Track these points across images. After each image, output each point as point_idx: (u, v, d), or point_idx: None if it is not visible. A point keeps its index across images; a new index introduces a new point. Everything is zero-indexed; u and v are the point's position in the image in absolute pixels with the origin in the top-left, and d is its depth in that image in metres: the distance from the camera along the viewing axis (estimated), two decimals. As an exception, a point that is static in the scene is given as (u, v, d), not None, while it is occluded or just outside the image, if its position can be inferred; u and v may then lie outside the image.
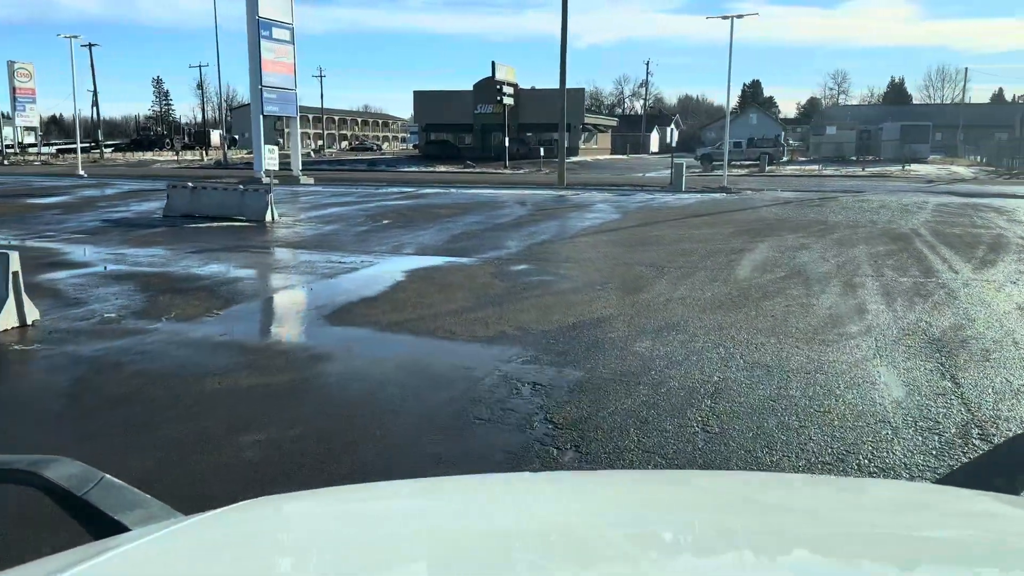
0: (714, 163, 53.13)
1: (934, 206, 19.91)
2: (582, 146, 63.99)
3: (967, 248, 12.58)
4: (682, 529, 1.03)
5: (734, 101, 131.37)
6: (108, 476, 1.25)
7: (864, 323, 7.62)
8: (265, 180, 27.47)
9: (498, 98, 45.51)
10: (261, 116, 28.12)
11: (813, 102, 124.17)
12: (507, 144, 48.17)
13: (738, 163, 51.59)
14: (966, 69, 78.61)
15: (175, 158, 66.26)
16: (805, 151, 67.41)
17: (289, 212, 19.14)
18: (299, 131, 31.22)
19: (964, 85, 76.90)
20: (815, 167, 45.89)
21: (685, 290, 9.33)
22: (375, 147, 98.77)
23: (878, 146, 57.14)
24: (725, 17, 26.22)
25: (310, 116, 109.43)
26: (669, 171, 29.60)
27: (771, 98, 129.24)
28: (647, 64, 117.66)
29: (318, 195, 25.33)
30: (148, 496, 1.24)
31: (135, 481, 1.30)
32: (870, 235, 14.27)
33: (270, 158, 17.64)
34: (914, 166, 45.29)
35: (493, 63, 45.91)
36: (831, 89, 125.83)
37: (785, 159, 57.54)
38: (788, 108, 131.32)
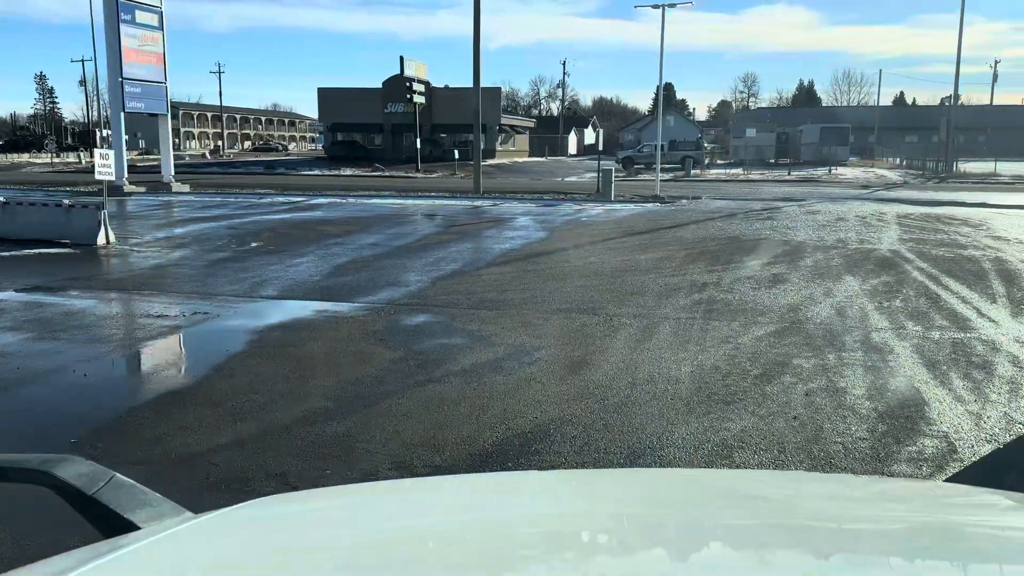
0: (636, 166, 51.17)
1: (895, 218, 17.78)
2: (499, 148, 61.19)
3: (976, 279, 10.17)
4: (686, 527, 1.01)
5: (648, 104, 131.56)
6: (118, 475, 1.26)
7: (937, 433, 4.84)
8: (124, 186, 23.44)
9: (408, 96, 42.19)
10: (122, 113, 23.98)
11: (724, 105, 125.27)
12: (419, 146, 44.86)
13: (660, 165, 49.75)
14: (880, 72, 79.73)
15: (51, 161, 60.08)
16: (723, 154, 66.50)
17: (137, 231, 15.44)
18: (170, 130, 27.08)
19: (879, 88, 77.86)
20: (738, 171, 44.33)
21: (650, 362, 6.41)
22: (280, 148, 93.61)
23: (797, 149, 56.40)
24: (656, 6, 23.79)
25: (208, 115, 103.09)
26: (594, 176, 27.00)
27: (684, 101, 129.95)
28: (563, 64, 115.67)
29: (186, 207, 21.50)
30: (158, 494, 1.25)
31: None
32: (850, 260, 11.77)
33: (103, 165, 13.90)
34: (839, 170, 44.25)
35: (402, 58, 42.58)
36: (741, 92, 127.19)
37: (705, 161, 56.15)
38: (700, 111, 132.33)
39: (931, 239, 14.12)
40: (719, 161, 59.41)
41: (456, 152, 42.35)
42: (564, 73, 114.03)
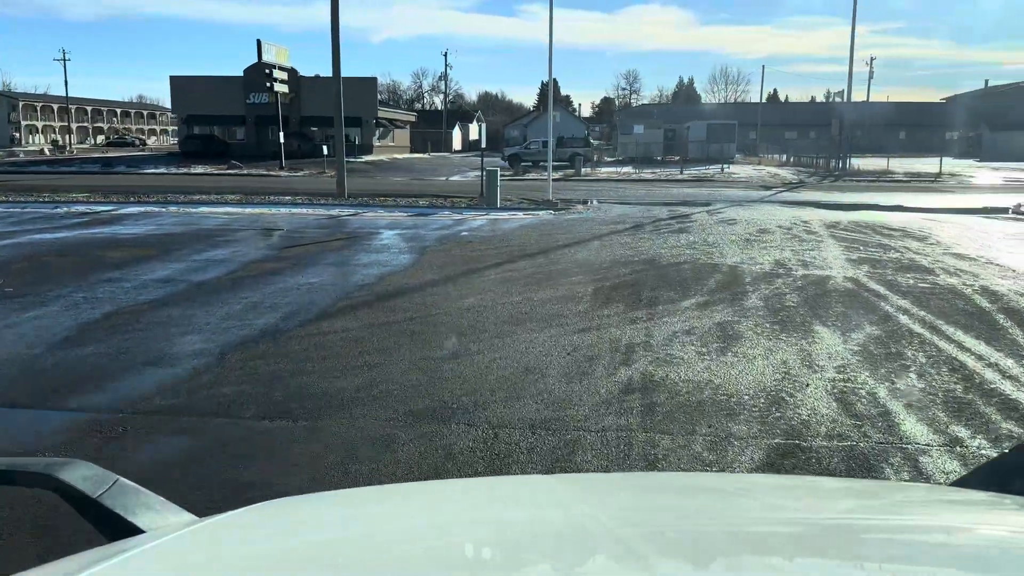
0: (524, 163, 48.17)
1: (823, 228, 15.30)
2: (377, 143, 56.98)
3: (991, 330, 7.43)
4: (688, 530, 1.01)
5: (533, 99, 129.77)
6: (122, 479, 1.26)
7: None
8: None
9: (268, 84, 37.50)
10: None
11: (608, 102, 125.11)
12: (282, 140, 40.23)
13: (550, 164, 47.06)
14: (763, 67, 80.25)
15: None
16: (610, 151, 64.77)
17: None
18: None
19: (762, 85, 78.22)
20: (629, 169, 42.15)
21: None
22: (137, 143, 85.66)
23: (684, 146, 55.15)
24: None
25: (55, 107, 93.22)
26: (478, 176, 23.68)
27: (568, 97, 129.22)
28: (445, 55, 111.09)
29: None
30: (162, 498, 1.25)
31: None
32: (807, 297, 8.92)
33: None
34: (732, 168, 42.79)
35: (259, 41, 37.78)
36: (623, 89, 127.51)
37: (595, 159, 54.00)
38: (584, 108, 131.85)
39: (884, 259, 11.56)
40: (607, 159, 57.44)
41: (326, 148, 38.04)
42: (446, 64, 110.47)
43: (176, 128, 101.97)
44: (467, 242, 13.76)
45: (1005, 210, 19.92)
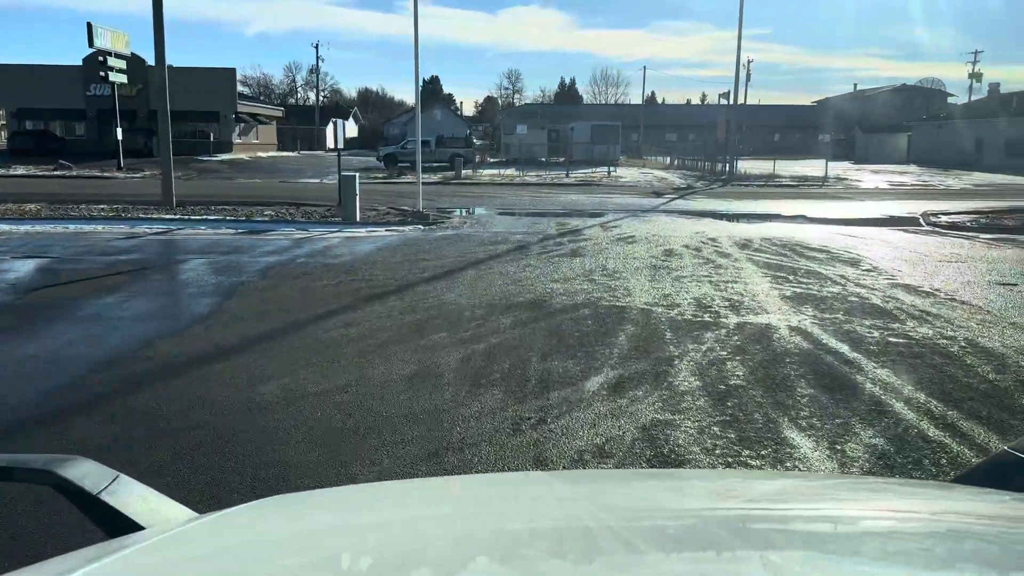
0: (401, 164, 44.84)
1: (736, 249, 13.03)
2: (238, 140, 52.12)
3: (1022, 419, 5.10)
4: (688, 527, 1.00)
5: (412, 96, 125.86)
6: (123, 475, 1.25)
7: None
8: None
9: (103, 73, 32.62)
10: None
11: (491, 101, 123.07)
12: (120, 137, 35.32)
13: (427, 164, 43.98)
14: (644, 69, 79.62)
15: None
16: (493, 152, 62.31)
17: None
18: None
19: (643, 86, 77.63)
20: (512, 171, 39.65)
21: None
22: (-35, 137, 76.18)
23: (569, 147, 53.31)
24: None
25: None
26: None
27: (451, 95, 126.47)
28: (316, 47, 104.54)
29: None
30: (163, 495, 1.25)
31: None
32: (758, 367, 6.36)
33: None
34: (618, 171, 40.99)
35: (90, 25, 32.72)
36: (506, 89, 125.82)
37: (477, 160, 51.34)
38: (467, 107, 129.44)
39: (825, 294, 9.26)
40: (490, 159, 54.90)
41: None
42: (317, 57, 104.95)
43: (5, 123, 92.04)
44: (300, 274, 10.55)
45: (915, 220, 18.49)
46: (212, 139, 47.65)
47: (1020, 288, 9.83)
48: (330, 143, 78.02)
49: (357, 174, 16.63)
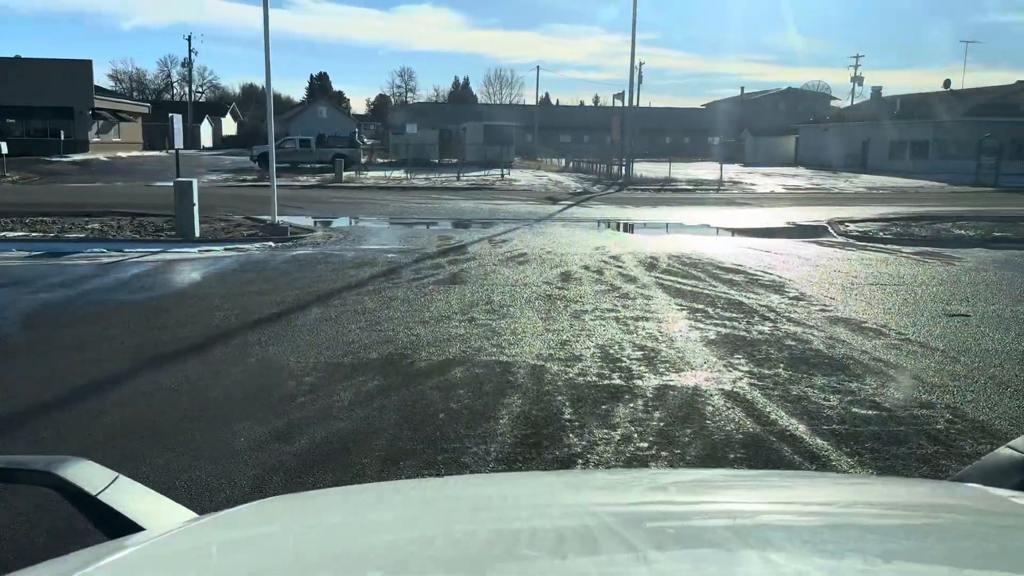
0: (278, 165, 41.74)
1: (644, 271, 11.17)
2: (96, 139, 47.30)
3: None
4: (688, 527, 1.00)
5: (303, 93, 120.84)
6: (123, 476, 1.25)
7: None
8: None
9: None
10: None
11: (383, 99, 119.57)
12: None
13: (308, 165, 40.91)
14: (537, 68, 78.35)
15: None
16: (383, 152, 59.49)
17: None
18: None
19: (537, 87, 76.23)
20: (400, 173, 37.19)
21: None
22: None
23: (461, 148, 51.19)
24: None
25: None
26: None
27: (341, 93, 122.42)
28: (188, 39, 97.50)
29: None
30: (162, 496, 1.25)
31: None
32: (693, 463, 4.45)
33: None
34: (512, 174, 39.13)
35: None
36: (399, 87, 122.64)
37: (363, 160, 48.49)
38: (359, 104, 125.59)
39: (756, 337, 7.45)
40: (379, 160, 52.12)
41: (4, 145, 29.35)
42: (190, 50, 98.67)
43: None
44: (76, 319, 7.88)
45: (824, 230, 17.31)
46: (64, 138, 42.86)
47: (973, 320, 8.35)
48: (206, 142, 73.11)
49: (195, 180, 13.90)
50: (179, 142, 16.58)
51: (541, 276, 10.66)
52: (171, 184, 13.28)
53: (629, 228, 18.40)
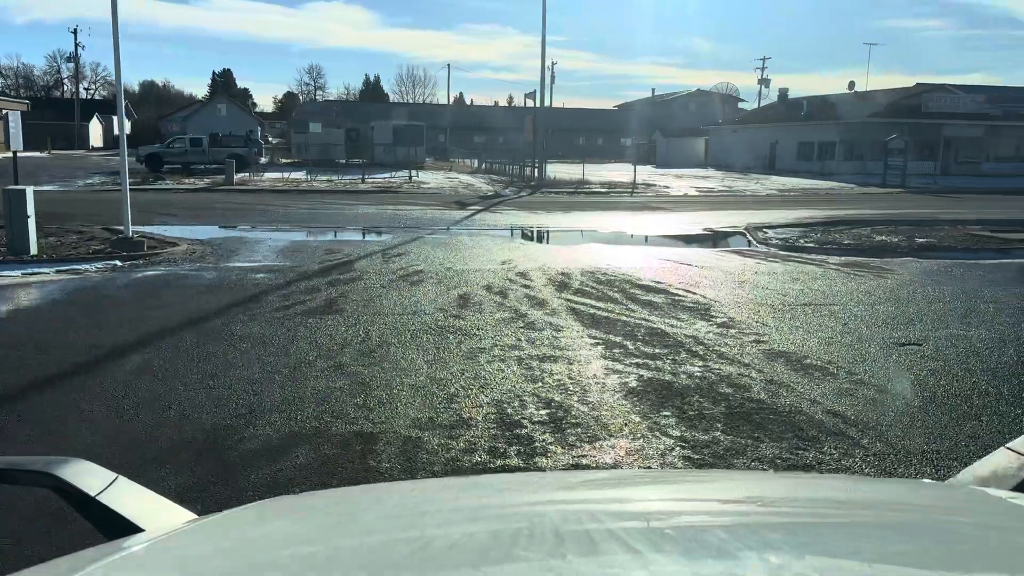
0: (168, 166, 38.75)
1: (553, 291, 9.76)
2: (-39, 138, 42.98)
3: None
4: (687, 527, 0.99)
5: (203, 91, 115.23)
6: (122, 477, 1.25)
7: None
8: None
9: None
10: None
11: (291, 97, 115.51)
12: None
13: (201, 167, 38.17)
14: (448, 66, 76.67)
15: None
16: (287, 152, 56.73)
17: None
18: None
19: (448, 85, 74.47)
20: (300, 175, 34.99)
21: None
22: None
23: (370, 148, 49.11)
24: None
25: None
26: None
27: (246, 90, 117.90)
28: (75, 32, 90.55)
29: None
30: (162, 497, 1.25)
31: None
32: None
33: None
34: (421, 175, 37.38)
35: None
36: (307, 85, 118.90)
37: (264, 161, 45.96)
38: (266, 103, 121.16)
39: (686, 383, 6.12)
40: (283, 160, 49.56)
41: None
42: (76, 44, 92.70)
43: None
44: None
45: (743, 236, 16.39)
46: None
47: (928, 350, 7.28)
48: (95, 141, 68.52)
49: (30, 188, 11.68)
50: (16, 143, 14.27)
51: (436, 301, 9.13)
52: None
53: (540, 237, 17.06)
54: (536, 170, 34.66)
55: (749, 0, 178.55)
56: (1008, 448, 1.40)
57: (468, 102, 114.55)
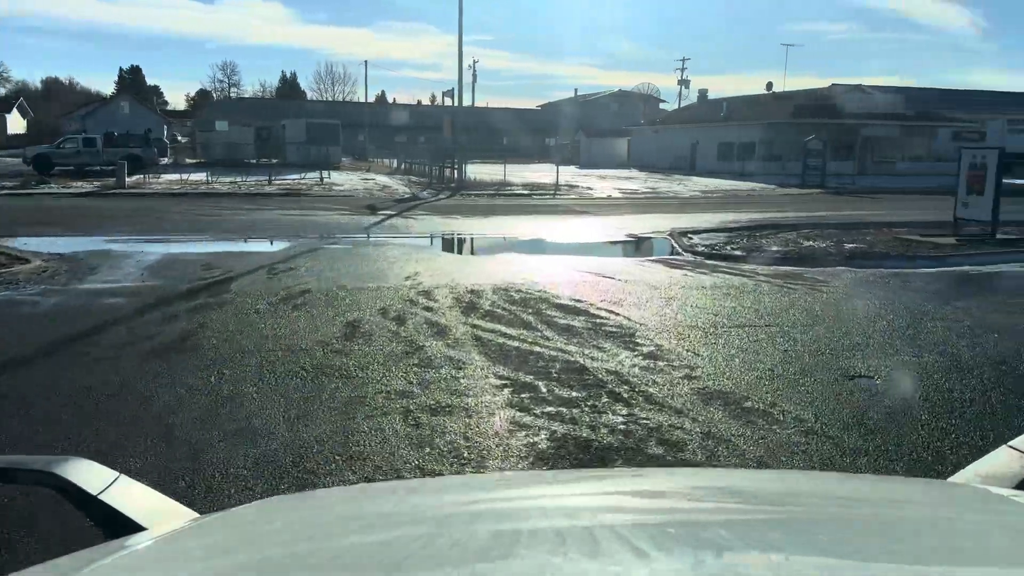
0: (60, 167, 35.86)
1: (458, 314, 8.45)
2: None
3: None
4: (689, 526, 0.98)
5: (110, 88, 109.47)
6: (124, 476, 1.25)
7: None
8: None
9: None
10: None
11: (204, 95, 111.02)
12: None
13: (97, 168, 35.43)
14: (366, 63, 74.54)
15: None
16: (192, 151, 53.85)
17: None
18: None
19: (365, 82, 72.13)
20: (201, 176, 32.81)
21: None
22: None
23: (282, 147, 46.91)
24: None
25: None
26: None
27: (156, 87, 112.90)
28: None
29: None
30: (164, 495, 1.26)
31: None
32: None
33: None
34: (334, 176, 35.56)
35: None
36: (221, 82, 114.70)
37: (167, 161, 43.33)
38: (179, 101, 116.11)
39: (609, 441, 4.94)
40: (188, 161, 46.82)
41: None
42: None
43: None
44: None
45: (667, 244, 15.47)
46: None
47: (881, 383, 6.33)
48: (-16, 140, 63.79)
49: None
50: None
51: (318, 330, 7.75)
52: None
53: (453, 247, 15.76)
54: (456, 171, 33.29)
55: (669, 2, 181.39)
56: (1010, 446, 1.37)
57: (391, 101, 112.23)
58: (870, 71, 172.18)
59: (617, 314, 8.72)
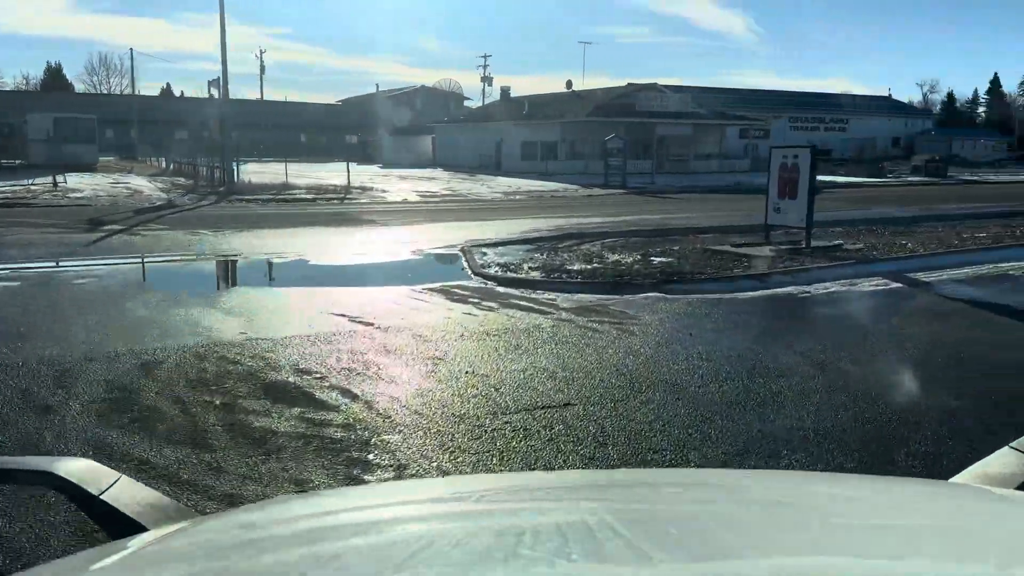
0: None
1: (142, 375, 5.42)
2: None
3: None
4: (689, 526, 0.97)
5: None
6: (124, 476, 1.23)
7: None
8: None
9: None
10: None
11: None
12: None
13: None
14: (131, 50, 66.63)
15: None
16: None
17: None
18: None
19: (132, 71, 64.67)
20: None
21: None
22: None
23: (24, 146, 39.98)
24: None
25: None
26: None
27: None
28: None
29: None
30: (165, 496, 1.24)
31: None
32: None
33: None
34: (74, 178, 29.99)
35: None
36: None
37: None
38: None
39: None
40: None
41: None
42: None
43: None
44: None
45: (457, 262, 12.93)
46: None
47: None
48: None
49: None
50: None
51: None
52: None
53: (165, 281, 12.05)
54: (224, 173, 29.01)
55: (472, 1, 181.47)
56: (1012, 447, 1.37)
57: (178, 94, 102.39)
58: (660, 72, 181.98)
59: (355, 396, 5.92)
